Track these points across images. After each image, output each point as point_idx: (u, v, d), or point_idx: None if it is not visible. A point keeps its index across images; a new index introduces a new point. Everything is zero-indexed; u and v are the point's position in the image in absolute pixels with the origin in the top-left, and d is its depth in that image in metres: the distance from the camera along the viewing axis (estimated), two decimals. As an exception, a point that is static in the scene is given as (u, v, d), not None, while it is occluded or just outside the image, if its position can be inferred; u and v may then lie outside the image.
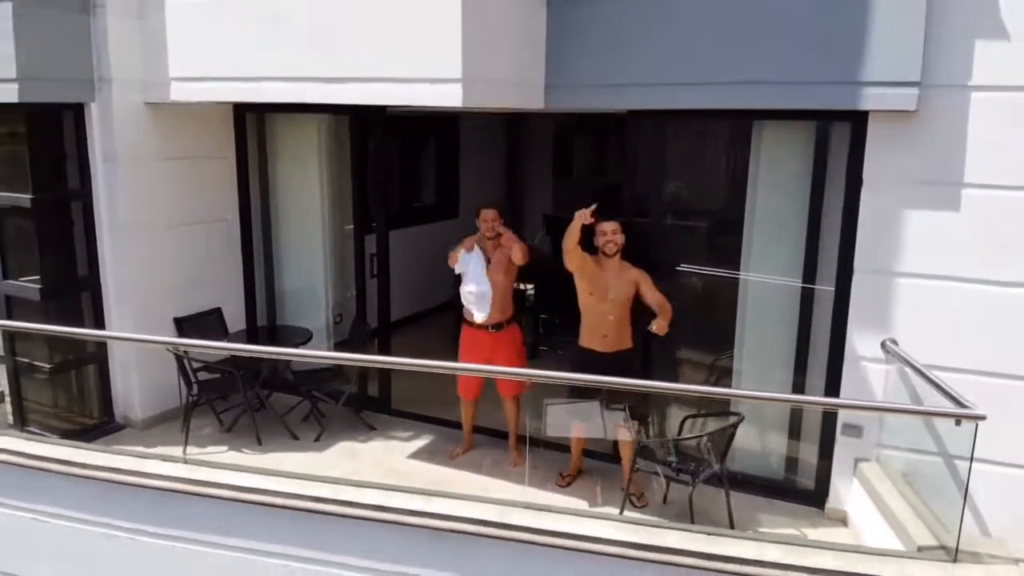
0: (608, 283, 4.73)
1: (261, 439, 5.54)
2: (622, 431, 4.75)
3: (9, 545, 4.91)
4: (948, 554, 3.61)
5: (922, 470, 4.32)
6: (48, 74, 5.20)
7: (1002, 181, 4.06)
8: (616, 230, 4.70)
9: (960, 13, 3.99)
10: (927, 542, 3.76)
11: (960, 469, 4.11)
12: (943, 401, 3.75)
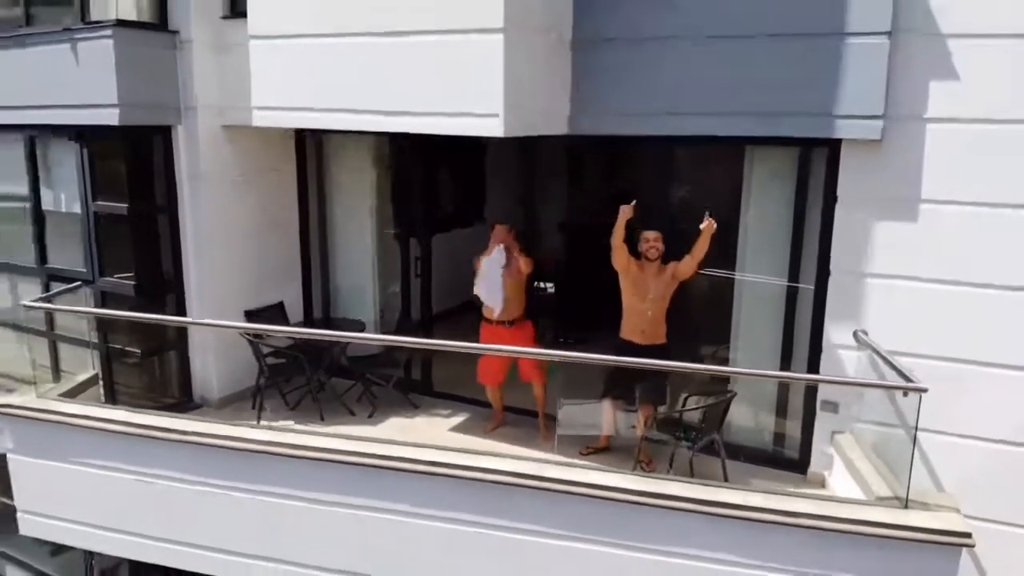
0: (648, 284, 5.52)
1: (323, 415, 6.39)
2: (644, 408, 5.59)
3: (116, 503, 5.78)
4: (900, 502, 4.40)
5: (887, 440, 5.08)
6: (142, 101, 6.07)
7: (952, 197, 4.83)
8: (658, 238, 5.51)
9: (917, 58, 4.76)
10: (885, 494, 4.55)
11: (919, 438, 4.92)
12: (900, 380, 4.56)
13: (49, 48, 6.20)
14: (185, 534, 5.61)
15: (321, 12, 5.26)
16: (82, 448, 5.70)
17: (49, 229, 6.91)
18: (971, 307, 4.89)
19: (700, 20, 5.13)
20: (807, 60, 4.92)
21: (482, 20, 4.69)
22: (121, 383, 6.64)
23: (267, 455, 5.13)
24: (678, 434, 5.48)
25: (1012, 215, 4.71)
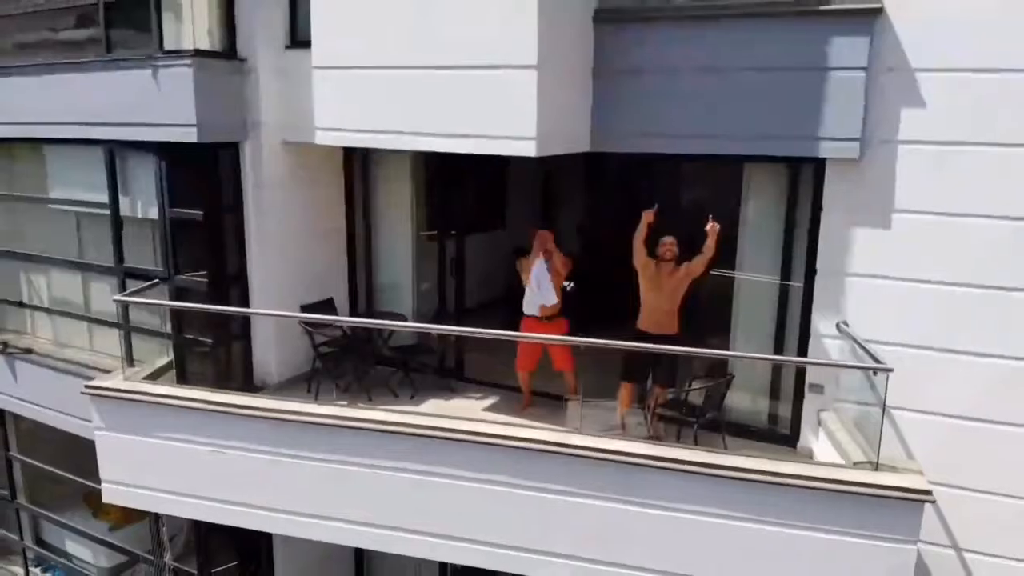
0: (664, 282, 6.33)
1: (371, 397, 7.20)
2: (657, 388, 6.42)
3: (192, 472, 6.60)
4: (872, 466, 5.20)
5: (865, 416, 5.87)
6: (216, 121, 6.89)
7: (920, 208, 5.62)
8: (673, 243, 6.32)
9: (889, 89, 5.55)
10: (860, 459, 5.35)
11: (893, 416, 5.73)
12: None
13: (131, 73, 7.03)
14: (254, 498, 6.44)
15: (377, 47, 6.07)
16: (163, 423, 6.54)
17: (126, 233, 7.75)
18: (936, 302, 5.67)
19: (703, 55, 5.94)
20: (797, 90, 5.71)
21: (519, 58, 5.49)
22: (191, 370, 7.46)
23: (333, 428, 5.97)
24: (684, 412, 6.30)
25: (970, 223, 5.50)
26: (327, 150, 7.47)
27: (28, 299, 9.26)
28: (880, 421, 5.35)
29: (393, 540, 6.14)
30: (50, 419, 8.86)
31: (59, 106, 7.62)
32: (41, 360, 8.81)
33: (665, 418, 6.44)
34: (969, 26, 5.31)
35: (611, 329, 6.45)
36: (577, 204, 9.61)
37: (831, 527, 5.10)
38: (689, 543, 5.34)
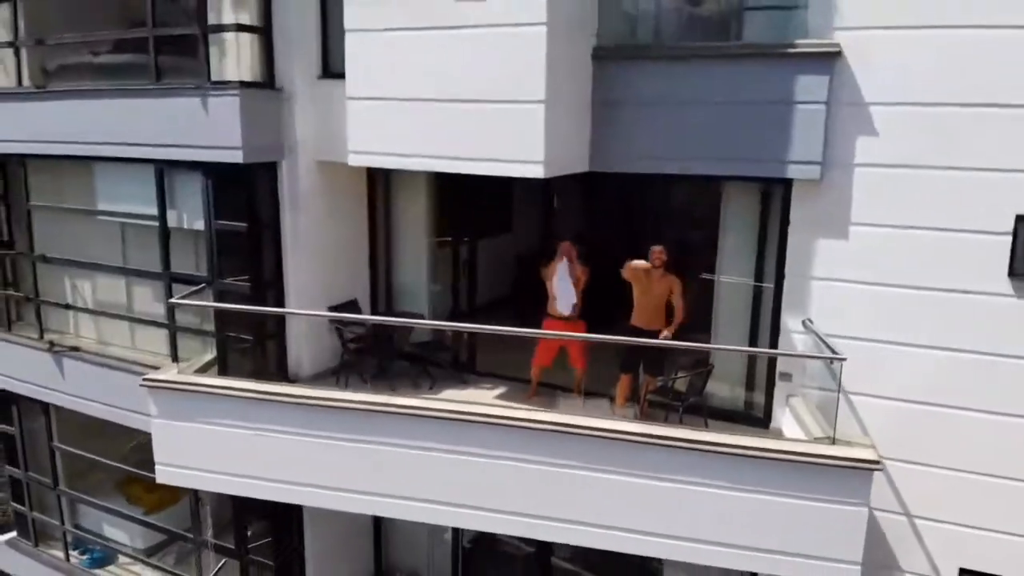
0: (653, 286, 7.26)
1: (394, 387, 8.08)
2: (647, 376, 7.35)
3: (237, 453, 7.45)
4: (830, 440, 6.13)
5: (826, 400, 6.79)
6: (258, 144, 7.75)
7: (872, 221, 6.54)
8: (662, 251, 7.24)
9: (846, 120, 6.49)
10: (820, 435, 6.28)
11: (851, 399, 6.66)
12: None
13: (181, 100, 7.88)
14: (293, 475, 7.29)
15: (404, 82, 6.94)
16: (211, 411, 7.40)
17: (172, 242, 8.60)
18: (886, 302, 6.60)
19: (687, 89, 6.86)
20: (767, 120, 6.62)
21: (529, 94, 6.38)
22: (232, 364, 8.30)
23: (365, 412, 6.85)
24: (671, 397, 7.22)
25: (914, 234, 6.43)
26: (353, 168, 8.33)
27: (72, 301, 10.08)
28: (836, 403, 6.30)
29: (417, 510, 7.01)
30: (95, 411, 9.69)
31: (111, 128, 8.44)
32: (87, 357, 9.64)
33: (654, 403, 7.37)
34: (911, 68, 6.24)
35: (606, 326, 7.36)
36: (577, 214, 10.49)
37: (795, 492, 6.02)
38: (675, 508, 6.24)
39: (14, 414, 10.96)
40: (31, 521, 11.36)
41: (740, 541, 6.19)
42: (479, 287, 9.47)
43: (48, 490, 11.11)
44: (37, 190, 9.89)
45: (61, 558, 11.12)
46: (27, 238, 10.03)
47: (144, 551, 10.74)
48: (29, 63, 9.61)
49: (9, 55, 9.73)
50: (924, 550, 6.99)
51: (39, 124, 9.24)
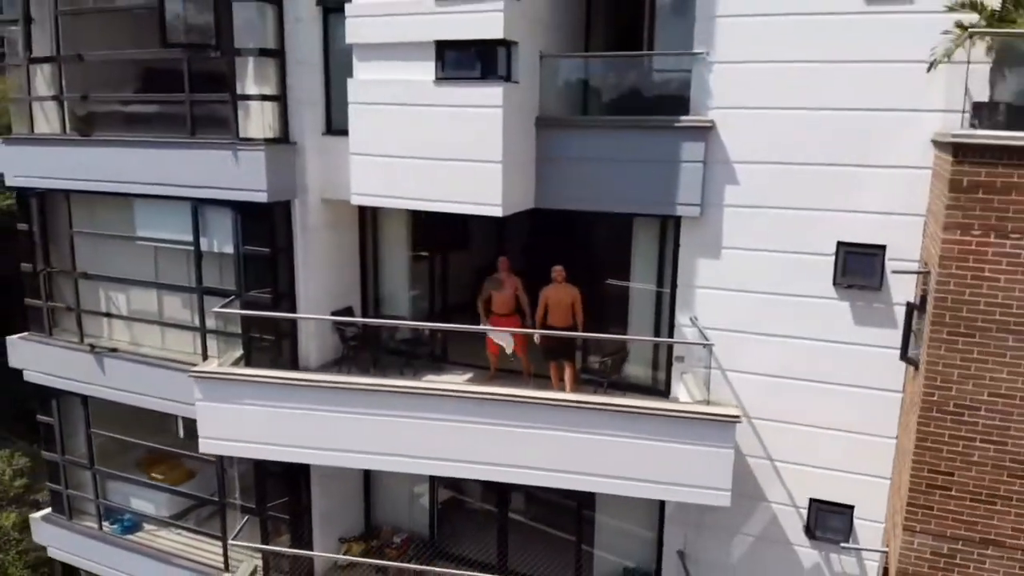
0: (560, 295, 9.68)
1: (384, 374, 10.35)
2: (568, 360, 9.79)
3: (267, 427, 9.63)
4: (705, 403, 8.62)
5: (709, 376, 9.28)
6: (277, 186, 9.93)
7: (738, 246, 9.04)
8: (561, 270, 9.65)
9: (717, 173, 8.97)
10: (700, 399, 8.76)
11: (727, 375, 9.15)
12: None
13: (214, 151, 10.03)
14: (307, 441, 9.50)
15: (394, 142, 9.23)
16: (243, 394, 9.55)
17: (205, 263, 10.71)
18: (748, 303, 9.10)
19: (605, 149, 9.27)
20: (662, 173, 9.06)
21: (490, 156, 8.73)
22: (255, 358, 10.46)
23: (366, 392, 9.11)
24: (597, 376, 9.66)
25: (767, 255, 8.93)
26: (349, 203, 10.58)
27: (108, 311, 12.09)
28: (709, 377, 8.80)
29: (403, 464, 9.29)
30: (133, 400, 11.71)
31: (152, 171, 10.53)
32: (125, 356, 11.68)
33: (586, 380, 9.80)
34: (761, 136, 8.74)
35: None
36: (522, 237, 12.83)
37: (682, 440, 8.45)
38: (593, 454, 8.59)
39: (53, 407, 12.90)
40: (66, 498, 13.30)
41: (644, 476, 8.61)
42: (448, 293, 11.79)
43: (81, 470, 13.07)
44: (79, 219, 11.89)
45: (95, 528, 13.09)
46: (69, 258, 12.02)
47: (168, 519, 12.79)
48: (70, 113, 11.63)
49: (52, 106, 11.73)
50: (783, 485, 9.52)
51: (83, 165, 11.24)
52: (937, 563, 7.24)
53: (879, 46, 8.11)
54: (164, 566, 12.21)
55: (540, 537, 11.54)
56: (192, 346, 11.28)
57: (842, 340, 8.82)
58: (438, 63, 8.86)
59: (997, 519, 6.97)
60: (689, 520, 9.88)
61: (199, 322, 10.83)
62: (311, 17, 9.90)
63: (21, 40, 11.74)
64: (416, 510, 12.22)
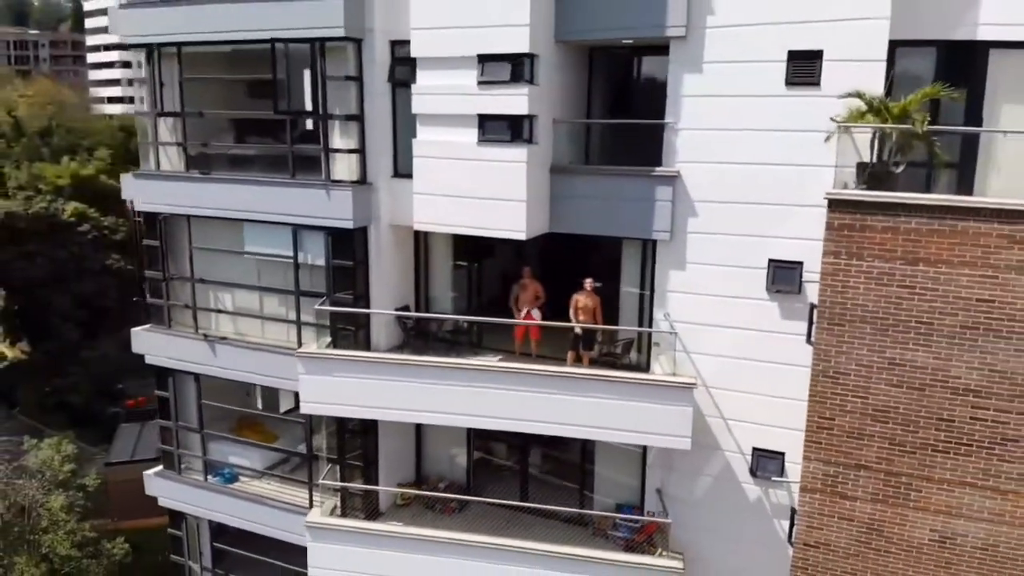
0: (588, 302, 12.92)
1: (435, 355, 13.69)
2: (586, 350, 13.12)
3: (354, 393, 12.99)
4: (672, 374, 11.95)
5: (678, 357, 12.58)
6: (360, 216, 13.29)
7: (697, 260, 12.28)
8: (591, 282, 12.83)
9: (682, 208, 12.25)
10: (669, 372, 12.07)
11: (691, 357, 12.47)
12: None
13: (311, 190, 13.40)
14: (380, 403, 12.90)
15: (446, 183, 12.49)
16: (335, 368, 12.94)
17: (301, 272, 14.10)
18: (706, 303, 12.38)
19: (603, 189, 12.56)
20: (642, 208, 12.34)
21: (517, 196, 12.04)
22: (340, 343, 13.81)
23: (426, 368, 12.49)
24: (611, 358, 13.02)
25: (718, 268, 12.20)
26: (408, 227, 13.91)
27: (217, 307, 15.49)
28: (675, 357, 12.13)
29: (450, 419, 12.70)
30: (239, 376, 15.11)
31: (260, 203, 13.91)
32: (233, 343, 15.07)
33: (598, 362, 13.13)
34: (711, 182, 12.02)
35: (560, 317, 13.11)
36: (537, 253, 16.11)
37: (654, 400, 11.74)
38: (591, 411, 11.89)
39: (170, 384, 16.32)
40: (176, 457, 16.70)
41: (628, 428, 11.91)
42: (481, 294, 15.14)
43: (191, 433, 16.49)
44: (197, 237, 15.30)
45: (201, 480, 16.49)
46: (188, 267, 15.43)
47: (261, 471, 16.19)
48: (188, 155, 15.04)
49: (174, 150, 15.15)
50: (733, 438, 12.79)
51: (202, 196, 14.65)
52: (826, 481, 10.51)
53: (796, 118, 11.32)
54: (259, 507, 15.59)
55: (551, 486, 14.85)
56: (286, 335, 14.66)
57: (772, 330, 12.04)
58: (480, 129, 12.18)
59: (864, 450, 10.24)
60: (664, 466, 13.18)
61: (295, 316, 14.22)
62: (383, 91, 13.24)
63: (148, 97, 15.16)
64: (455, 466, 15.52)
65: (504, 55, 11.74)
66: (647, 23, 11.78)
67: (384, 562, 13.40)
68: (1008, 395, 9.50)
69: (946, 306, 9.52)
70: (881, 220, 9.63)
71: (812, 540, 10.71)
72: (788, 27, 11.22)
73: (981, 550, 9.98)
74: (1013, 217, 9.09)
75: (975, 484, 9.89)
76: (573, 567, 12.55)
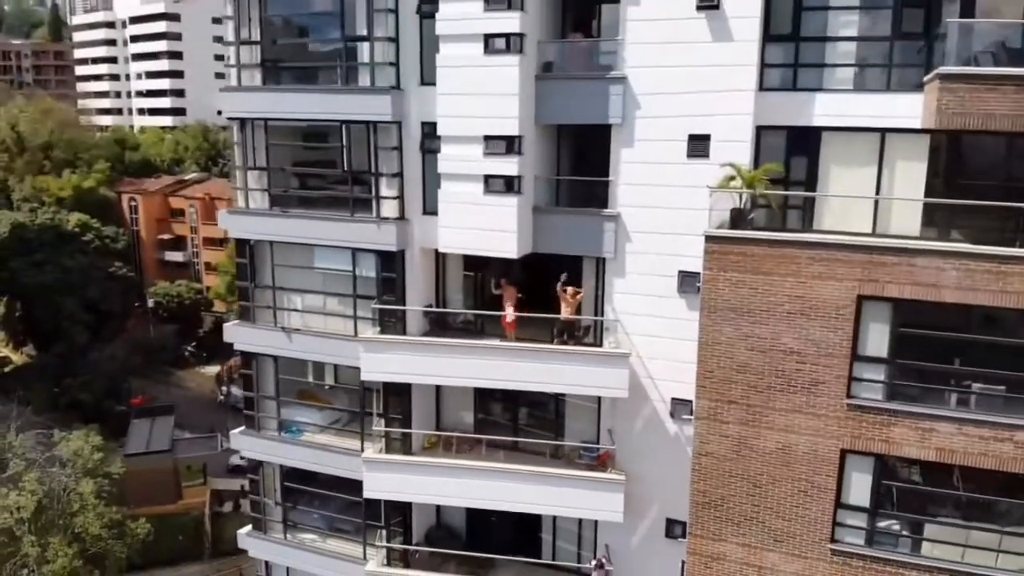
0: (570, 301, 18.77)
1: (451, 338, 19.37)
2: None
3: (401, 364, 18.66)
4: (614, 348, 17.74)
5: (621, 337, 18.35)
6: (401, 243, 18.95)
7: (635, 271, 18.10)
8: (573, 290, 18.61)
9: (619, 237, 18.06)
10: (614, 348, 17.87)
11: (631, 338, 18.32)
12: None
13: (365, 224, 19.02)
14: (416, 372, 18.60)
15: (461, 220, 18.21)
16: (385, 347, 18.62)
17: (358, 282, 19.75)
18: (639, 301, 18.05)
19: (566, 223, 18.34)
20: (596, 236, 18.08)
21: (509, 229, 17.68)
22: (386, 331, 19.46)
23: (443, 346, 18.22)
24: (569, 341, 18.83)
25: (647, 276, 17.87)
26: (434, 250, 19.56)
27: (291, 307, 21.10)
28: (616, 336, 17.93)
29: (462, 381, 18.42)
30: (309, 357, 20.75)
31: (329, 233, 19.55)
32: (304, 332, 20.65)
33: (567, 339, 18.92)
34: (643, 219, 17.80)
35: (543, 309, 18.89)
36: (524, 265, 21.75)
37: (604, 366, 17.48)
38: (556, 373, 17.62)
39: (253, 365, 21.86)
40: (257, 419, 22.25)
41: (584, 384, 17.65)
42: (484, 296, 20.85)
43: (271, 400, 22.05)
44: (278, 256, 20.89)
45: (276, 435, 22.05)
46: (271, 279, 21.00)
47: (324, 426, 21.79)
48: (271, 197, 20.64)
49: (260, 193, 20.74)
50: (658, 391, 18.53)
51: (282, 227, 20.25)
52: (711, 412, 16.17)
53: (694, 178, 16.92)
54: (320, 452, 21.15)
55: (535, 435, 20.51)
56: (343, 326, 20.27)
57: (681, 318, 17.56)
58: (484, 184, 17.79)
59: (732, 391, 15.99)
60: (612, 412, 18.97)
61: (352, 312, 19.88)
62: (417, 157, 18.80)
63: (241, 155, 20.73)
64: (465, 417, 21.21)
65: (501, 136, 17.47)
66: (597, 115, 17.49)
67: (417, 483, 19.07)
68: (815, 354, 15.30)
69: (776, 299, 15.33)
70: (737, 247, 15.41)
71: (704, 451, 16.48)
72: (688, 119, 16.96)
73: (805, 452, 15.80)
74: (811, 246, 14.94)
75: (800, 411, 15.65)
76: (553, 480, 18.31)
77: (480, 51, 16.91)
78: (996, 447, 14.37)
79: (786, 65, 16.96)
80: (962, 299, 14.08)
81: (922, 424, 14.72)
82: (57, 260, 76.65)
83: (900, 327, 14.71)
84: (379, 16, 17.96)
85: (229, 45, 19.72)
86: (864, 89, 16.85)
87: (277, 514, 22.47)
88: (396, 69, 18.28)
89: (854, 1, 16.77)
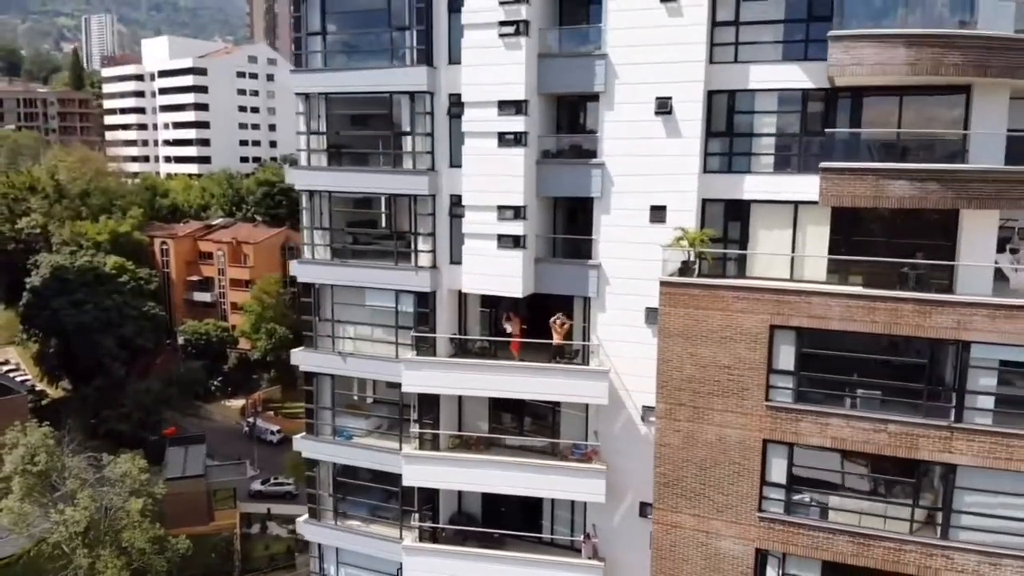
0: (560, 330, 24.33)
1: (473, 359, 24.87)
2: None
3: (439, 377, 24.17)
4: (598, 366, 23.28)
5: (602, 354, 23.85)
6: (431, 285, 24.44)
7: (612, 307, 23.74)
8: (564, 321, 23.99)
9: (600, 281, 23.71)
10: (598, 365, 23.39)
11: (611, 358, 23.91)
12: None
13: (407, 272, 24.50)
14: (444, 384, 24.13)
15: (480, 269, 23.73)
16: (423, 365, 24.11)
17: (399, 316, 25.37)
18: (618, 329, 23.37)
19: (559, 272, 23.98)
20: (584, 279, 23.50)
21: (515, 275, 23.12)
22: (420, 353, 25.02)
23: (468, 365, 23.79)
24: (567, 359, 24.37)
25: (623, 310, 23.40)
26: (458, 291, 25.18)
27: (345, 336, 26.69)
28: (600, 356, 23.47)
29: (481, 391, 23.78)
30: (361, 375, 26.23)
31: (374, 278, 25.18)
32: (357, 355, 26.13)
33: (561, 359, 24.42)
34: (618, 268, 23.38)
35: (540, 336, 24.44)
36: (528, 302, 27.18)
37: (590, 379, 22.63)
38: (553, 385, 22.99)
39: (314, 383, 27.34)
40: (315, 426, 27.67)
41: (573, 393, 22.96)
42: (496, 325, 26.34)
43: (327, 411, 27.51)
44: (337, 296, 26.49)
45: (330, 438, 27.45)
46: (330, 312, 26.62)
47: (368, 430, 27.15)
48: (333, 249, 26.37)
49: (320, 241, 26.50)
50: (632, 399, 23.80)
51: (340, 274, 25.91)
52: (667, 413, 21.37)
53: (655, 237, 22.10)
54: (366, 452, 26.50)
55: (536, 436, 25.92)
56: (386, 350, 25.83)
57: (648, 343, 22.48)
58: (498, 242, 23.19)
59: (682, 395, 21.34)
60: (596, 417, 24.33)
61: (394, 339, 25.44)
62: (446, 221, 24.32)
63: (308, 217, 26.52)
64: (481, 427, 26.57)
65: (510, 206, 23.18)
66: (582, 190, 22.87)
67: (444, 473, 24.17)
68: (742, 368, 20.71)
69: (712, 328, 20.78)
70: (684, 290, 20.89)
71: (663, 442, 21.75)
72: (650, 194, 22.17)
73: (736, 442, 21.18)
74: (736, 289, 20.47)
75: (732, 411, 20.92)
76: (550, 471, 23.58)
77: (495, 144, 22.58)
78: (875, 436, 19.46)
79: (723, 154, 22.44)
80: (844, 327, 19.30)
81: (821, 420, 19.77)
82: (96, 300, 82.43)
83: (803, 348, 20.01)
84: (419, 117, 23.75)
85: (301, 135, 25.60)
86: (782, 172, 22.41)
87: (329, 504, 27.77)
88: (431, 156, 24.06)
89: (772, 107, 22.46)
